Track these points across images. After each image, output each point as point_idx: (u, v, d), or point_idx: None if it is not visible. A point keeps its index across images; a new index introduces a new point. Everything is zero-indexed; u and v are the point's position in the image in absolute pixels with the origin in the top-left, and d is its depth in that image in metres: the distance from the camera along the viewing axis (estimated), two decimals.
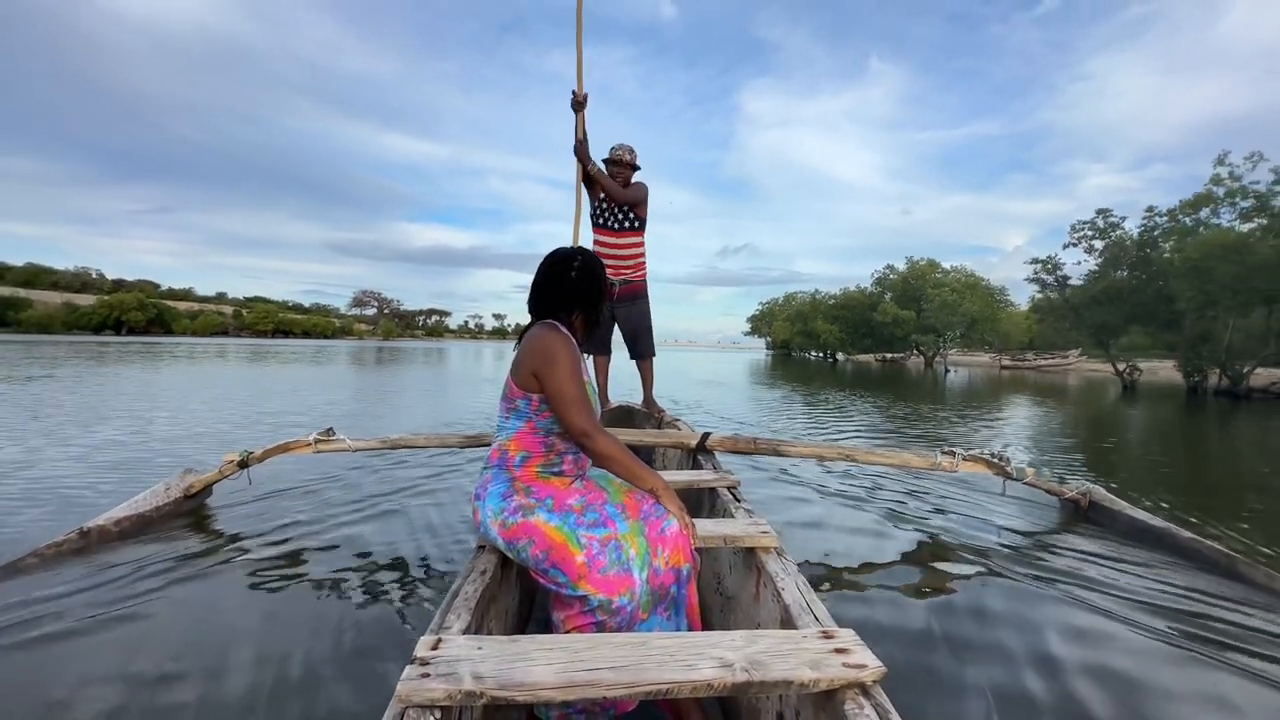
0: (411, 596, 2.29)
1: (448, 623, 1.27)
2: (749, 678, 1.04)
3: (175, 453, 4.87)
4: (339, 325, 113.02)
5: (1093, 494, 3.48)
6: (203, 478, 3.20)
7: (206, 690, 1.66)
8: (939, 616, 2.26)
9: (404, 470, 4.27)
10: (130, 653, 1.83)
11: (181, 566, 2.45)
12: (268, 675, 1.74)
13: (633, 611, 1.50)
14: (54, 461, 4.41)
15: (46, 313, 76.15)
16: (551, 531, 1.53)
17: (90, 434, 5.64)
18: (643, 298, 4.12)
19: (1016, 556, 2.90)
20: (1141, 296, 18.26)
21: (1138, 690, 1.81)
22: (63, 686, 1.66)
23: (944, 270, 39.66)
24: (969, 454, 3.24)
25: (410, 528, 3.07)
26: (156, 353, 25.70)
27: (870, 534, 3.20)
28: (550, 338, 1.62)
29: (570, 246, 1.84)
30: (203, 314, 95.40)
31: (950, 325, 34.94)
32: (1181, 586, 2.56)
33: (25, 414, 6.83)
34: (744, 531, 1.83)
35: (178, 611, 2.11)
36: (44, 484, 3.77)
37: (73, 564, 2.41)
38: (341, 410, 8.53)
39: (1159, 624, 2.22)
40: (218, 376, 14.16)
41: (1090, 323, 20.05)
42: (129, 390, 10.09)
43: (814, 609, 1.38)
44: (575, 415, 1.57)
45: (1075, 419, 10.15)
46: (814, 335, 46.85)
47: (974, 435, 7.61)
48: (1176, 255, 16.66)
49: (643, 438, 3.20)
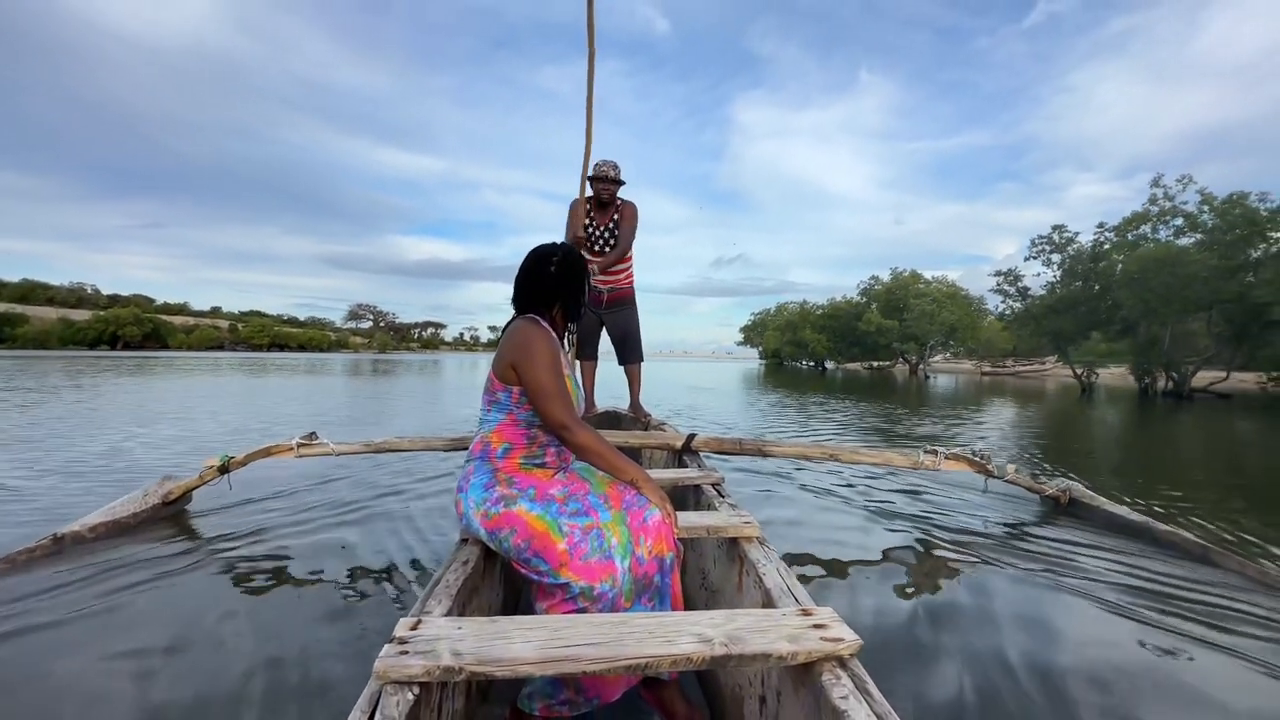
0: (393, 593, 2.25)
1: (428, 607, 1.25)
2: (727, 651, 1.03)
3: (180, 458, 4.78)
4: (335, 338, 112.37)
5: (1072, 490, 3.49)
6: (182, 483, 3.12)
7: (178, 689, 1.62)
8: (918, 600, 2.28)
9: (387, 474, 4.20)
10: (103, 653, 1.78)
11: (157, 568, 2.39)
12: (244, 671, 1.69)
13: (614, 598, 1.48)
14: (44, 470, 4.32)
15: (43, 328, 75.25)
16: (533, 520, 1.51)
17: (91, 442, 5.55)
18: (630, 304, 4.12)
19: (997, 547, 2.91)
20: (1094, 305, 19.22)
21: (1115, 668, 1.81)
22: (35, 686, 1.61)
23: (926, 281, 40.34)
24: (951, 453, 3.24)
25: (393, 529, 3.02)
26: (151, 367, 25.45)
27: (854, 529, 3.20)
28: (529, 330, 1.61)
29: (551, 243, 1.83)
30: (198, 328, 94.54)
31: (929, 334, 35.54)
32: (1159, 573, 2.58)
33: (24, 423, 6.71)
34: (727, 522, 1.82)
35: (153, 612, 2.05)
36: (35, 490, 3.69)
37: (45, 568, 2.35)
38: (345, 414, 8.56)
39: (1136, 607, 2.24)
40: (222, 387, 14.03)
41: (1048, 330, 21.07)
42: (129, 401, 9.98)
43: (794, 591, 1.37)
44: (553, 408, 1.56)
45: (1027, 417, 10.99)
46: (803, 344, 47.33)
47: (942, 431, 7.95)
48: (1119, 267, 17.98)
49: (629, 439, 3.17)
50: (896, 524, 3.29)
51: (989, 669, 1.79)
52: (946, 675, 1.75)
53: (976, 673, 1.76)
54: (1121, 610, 2.21)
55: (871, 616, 2.11)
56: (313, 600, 2.18)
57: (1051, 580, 2.49)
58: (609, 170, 3.75)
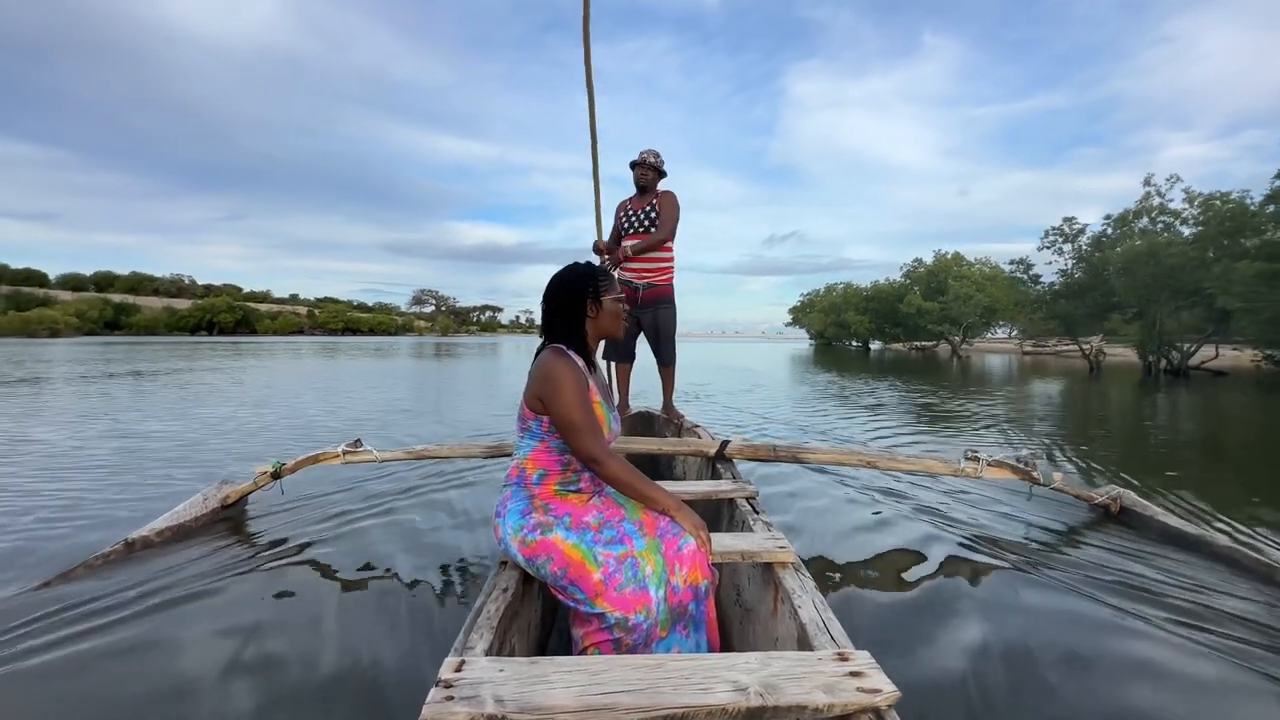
0: (438, 602, 2.27)
1: (471, 642, 1.26)
2: (763, 702, 1.01)
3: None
4: (401, 323, 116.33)
5: (1123, 498, 3.23)
6: (238, 488, 3.18)
7: (245, 693, 1.69)
8: (960, 626, 2.11)
9: (428, 479, 4.12)
10: (167, 657, 1.86)
11: (219, 574, 2.45)
12: (299, 680, 1.75)
13: (649, 629, 1.44)
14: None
15: (151, 316, 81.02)
16: (569, 549, 1.49)
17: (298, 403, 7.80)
18: (668, 303, 3.85)
19: (1044, 563, 2.70)
20: (1097, 292, 20.46)
21: (1179, 703, 1.66)
22: (122, 685, 1.71)
23: (969, 263, 39.95)
24: (993, 460, 3.04)
25: (439, 534, 3.02)
26: (270, 351, 28.08)
27: (890, 541, 3.03)
28: (552, 364, 1.57)
29: (564, 268, 1.74)
30: (281, 314, 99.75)
31: (964, 315, 35.69)
32: (1220, 593, 2.35)
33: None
34: (761, 546, 1.75)
35: (216, 617, 2.11)
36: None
37: (118, 573, 2.43)
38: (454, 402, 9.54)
39: (1198, 633, 2.04)
40: (345, 371, 15.92)
41: (1056, 314, 22.69)
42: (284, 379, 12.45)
43: (830, 628, 1.32)
44: (581, 442, 1.52)
45: (1039, 393, 12.28)
46: (845, 326, 47.66)
47: (948, 401, 9.03)
48: (1113, 259, 19.42)
49: (662, 446, 3.09)
50: (936, 536, 3.09)
51: (1033, 709, 1.66)
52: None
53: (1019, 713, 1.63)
54: (1193, 642, 2.00)
55: (910, 652, 1.97)
56: (355, 607, 2.22)
57: (1098, 601, 2.29)
58: (649, 157, 3.74)
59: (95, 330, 69.63)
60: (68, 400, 8.56)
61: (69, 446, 5.09)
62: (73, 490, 3.73)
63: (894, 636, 2.07)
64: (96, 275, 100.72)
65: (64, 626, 2.00)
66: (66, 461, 4.54)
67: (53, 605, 2.14)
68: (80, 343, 41.42)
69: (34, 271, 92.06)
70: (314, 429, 6.31)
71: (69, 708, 1.62)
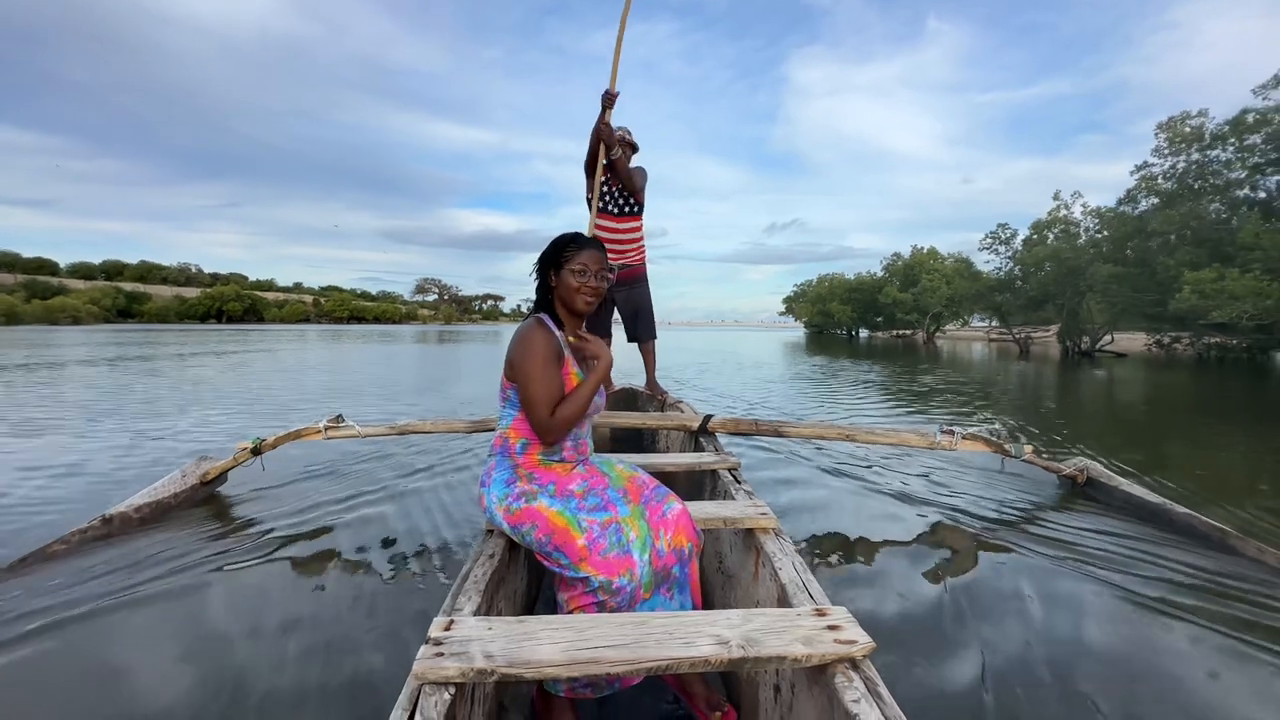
0: (423, 573, 2.19)
1: (459, 604, 1.21)
2: (744, 654, 1.01)
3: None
4: (404, 311, 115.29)
5: (1089, 470, 3.22)
6: (218, 465, 3.06)
7: (231, 663, 1.62)
8: (932, 588, 2.10)
9: (411, 454, 4.03)
10: (150, 630, 1.77)
11: (199, 550, 2.35)
12: (291, 648, 1.68)
13: (633, 591, 1.39)
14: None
15: (163, 304, 79.75)
16: (554, 516, 1.43)
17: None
18: (642, 281, 3.90)
19: (1013, 531, 2.69)
20: (1026, 286, 23.19)
21: (1131, 660, 1.66)
22: (99, 662, 1.62)
23: (942, 258, 41.42)
24: (968, 433, 3.00)
25: (423, 507, 2.93)
26: (277, 337, 28.66)
27: (868, 512, 3.00)
28: (523, 333, 1.50)
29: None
30: (288, 303, 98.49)
31: (931, 305, 37.83)
32: (1175, 560, 2.34)
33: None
34: (743, 513, 1.70)
35: (197, 592, 2.02)
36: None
37: (95, 549, 2.33)
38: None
39: (1153, 595, 2.04)
40: (366, 355, 16.51)
41: (990, 305, 26.60)
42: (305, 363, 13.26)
43: (809, 588, 1.29)
44: (534, 415, 1.46)
45: (970, 366, 14.26)
46: (830, 315, 49.15)
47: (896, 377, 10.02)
48: (1028, 260, 22.56)
49: (646, 420, 3.02)
50: (910, 506, 3.07)
51: (1003, 663, 1.64)
52: (961, 671, 1.61)
53: (992, 667, 1.61)
54: (1146, 603, 2.00)
55: (886, 608, 1.96)
56: (342, 578, 2.13)
57: (1067, 568, 2.28)
58: (624, 134, 3.65)
59: (110, 318, 68.56)
60: (212, 371, 10.69)
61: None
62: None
63: (870, 595, 2.06)
64: (106, 264, 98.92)
65: (36, 599, 1.91)
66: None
67: (16, 591, 1.97)
68: (108, 329, 41.18)
69: (46, 260, 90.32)
70: (388, 386, 8.15)
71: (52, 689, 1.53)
